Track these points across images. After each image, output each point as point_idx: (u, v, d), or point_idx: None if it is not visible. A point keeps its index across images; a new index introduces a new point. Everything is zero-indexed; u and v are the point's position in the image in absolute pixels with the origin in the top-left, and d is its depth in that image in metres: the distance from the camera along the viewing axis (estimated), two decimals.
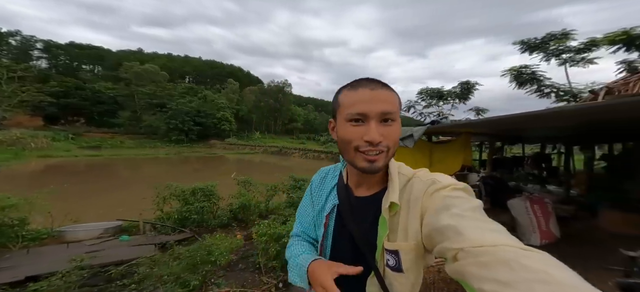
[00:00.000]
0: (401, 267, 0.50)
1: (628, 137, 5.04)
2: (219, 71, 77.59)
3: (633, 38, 7.65)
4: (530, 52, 9.86)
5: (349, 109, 0.51)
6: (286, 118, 61.63)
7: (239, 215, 4.44)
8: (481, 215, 0.41)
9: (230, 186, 5.18)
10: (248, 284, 2.48)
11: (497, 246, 0.33)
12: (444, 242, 0.39)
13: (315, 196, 0.70)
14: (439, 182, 0.49)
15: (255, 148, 37.15)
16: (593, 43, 8.64)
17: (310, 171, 17.38)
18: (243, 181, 5.08)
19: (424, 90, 13.37)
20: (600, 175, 5.94)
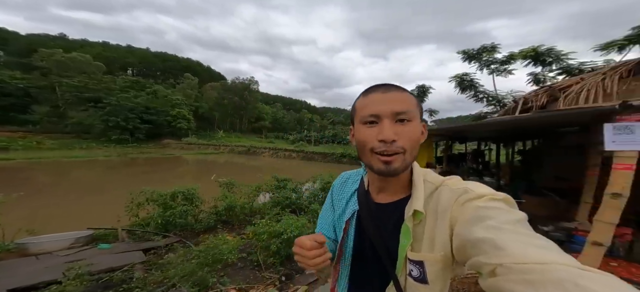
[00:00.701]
0: (426, 279, 0.48)
1: (536, 136, 6.72)
2: (173, 65, 69.85)
3: (539, 54, 9.87)
4: (469, 61, 11.67)
5: (362, 112, 0.52)
6: (253, 116, 59.29)
7: (223, 217, 4.39)
8: (525, 228, 0.38)
9: (211, 189, 5.03)
10: (250, 280, 2.61)
11: (547, 263, 0.29)
12: (479, 256, 0.36)
13: (336, 200, 0.70)
14: (472, 192, 0.46)
15: (219, 148, 34.78)
16: (512, 56, 10.61)
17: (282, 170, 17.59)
18: (226, 182, 4.99)
19: None
20: (518, 167, 7.67)
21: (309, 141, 38.55)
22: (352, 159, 22.30)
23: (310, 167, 20.02)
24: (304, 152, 27.32)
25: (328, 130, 40.09)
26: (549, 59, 9.64)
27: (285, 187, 5.33)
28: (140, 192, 3.94)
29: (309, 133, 42.99)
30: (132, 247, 3.28)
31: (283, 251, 2.86)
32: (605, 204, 1.84)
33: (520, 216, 0.40)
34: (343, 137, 34.84)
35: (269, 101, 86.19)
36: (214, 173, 5.72)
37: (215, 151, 33.27)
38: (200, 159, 25.15)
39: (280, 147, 31.48)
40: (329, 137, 38.12)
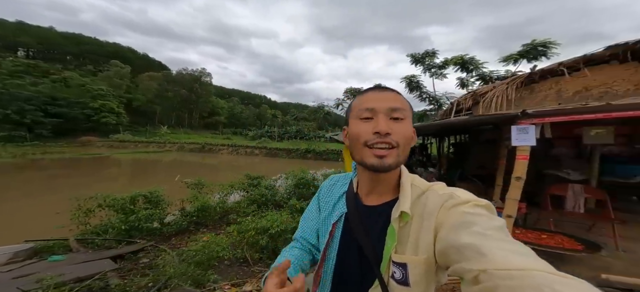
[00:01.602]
0: (408, 281, 0.48)
1: (464, 132, 8.42)
2: (93, 49, 57.13)
3: (464, 62, 12.12)
4: (415, 64, 13.29)
5: (358, 108, 0.53)
6: (205, 111, 53.79)
7: (194, 218, 4.14)
8: (506, 235, 0.39)
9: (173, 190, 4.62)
10: (240, 276, 2.66)
11: (526, 269, 0.30)
12: (462, 262, 0.37)
13: (323, 202, 0.69)
14: (457, 197, 0.47)
15: (164, 145, 30.49)
16: (446, 62, 12.55)
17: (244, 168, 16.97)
18: (194, 183, 4.67)
19: (349, 90, 15.76)
20: (452, 158, 9.44)
21: (271, 137, 37.49)
22: (317, 154, 22.85)
23: (275, 163, 19.69)
24: (267, 149, 26.51)
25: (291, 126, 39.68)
26: (471, 67, 11.99)
27: (259, 185, 5.31)
28: (89, 198, 3.42)
29: (271, 129, 41.75)
30: (95, 256, 2.91)
31: (270, 245, 2.98)
32: (511, 185, 2.61)
33: (500, 222, 0.41)
34: (307, 133, 35.09)
35: (225, 95, 79.56)
36: (160, 174, 5.20)
37: (158, 149, 29.00)
38: (138, 159, 21.33)
39: (240, 144, 29.65)
40: (293, 132, 37.83)
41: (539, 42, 9.60)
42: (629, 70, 3.87)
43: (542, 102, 4.42)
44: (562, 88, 4.30)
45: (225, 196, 4.83)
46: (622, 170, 4.13)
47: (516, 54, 10.07)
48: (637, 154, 4.17)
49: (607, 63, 4.02)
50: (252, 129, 48.28)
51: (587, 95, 4.09)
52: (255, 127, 51.55)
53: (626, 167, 4.12)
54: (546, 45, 9.56)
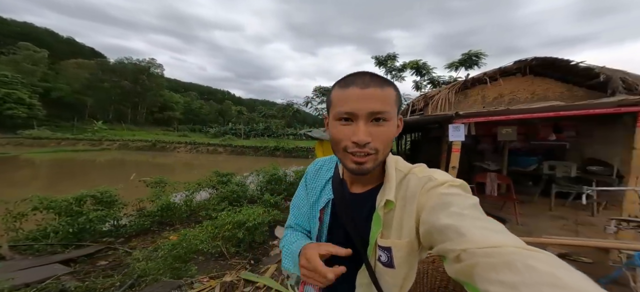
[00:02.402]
0: (393, 263, 0.50)
1: (418, 130, 9.66)
2: None
3: (419, 67, 13.71)
4: (379, 66, 14.44)
5: (338, 108, 0.50)
6: (155, 105, 47.63)
7: (157, 217, 3.92)
8: (480, 213, 0.41)
9: (130, 190, 4.25)
10: (218, 270, 2.72)
11: (502, 246, 0.32)
12: (445, 243, 0.38)
13: (310, 187, 0.68)
14: (435, 180, 0.48)
15: (99, 143, 26.03)
16: (404, 66, 14.01)
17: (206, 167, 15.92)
18: (155, 181, 4.36)
19: (318, 88, 16.18)
20: (409, 154, 10.70)
21: (237, 134, 35.53)
22: (286, 152, 22.69)
23: (242, 161, 18.88)
24: (232, 147, 25.11)
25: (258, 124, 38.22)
26: (424, 71, 13.64)
27: (230, 182, 5.24)
28: (22, 201, 2.96)
29: (237, 126, 39.47)
30: (41, 261, 2.60)
31: (247, 238, 3.09)
32: (451, 173, 3.30)
33: (474, 200, 0.43)
34: (275, 131, 34.32)
35: (180, 89, 71.61)
36: (94, 176, 4.61)
37: (92, 148, 24.59)
38: (61, 159, 17.24)
39: (200, 142, 27.32)
40: (260, 130, 36.52)
41: (473, 52, 11.58)
42: (528, 81, 5.13)
43: (472, 106, 5.48)
44: (485, 94, 5.41)
45: (192, 193, 4.64)
46: (521, 161, 5.43)
47: (457, 62, 11.93)
48: (531, 148, 5.55)
49: (515, 75, 5.24)
50: (214, 125, 44.84)
51: (501, 101, 5.26)
52: (218, 124, 48.01)
53: (524, 159, 5.43)
54: (478, 56, 11.58)
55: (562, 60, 4.47)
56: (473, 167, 5.70)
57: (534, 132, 5.24)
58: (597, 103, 2.39)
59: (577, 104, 2.54)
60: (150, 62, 47.79)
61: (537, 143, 5.37)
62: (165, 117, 47.86)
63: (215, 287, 2.31)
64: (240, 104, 62.35)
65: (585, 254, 2.63)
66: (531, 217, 4.01)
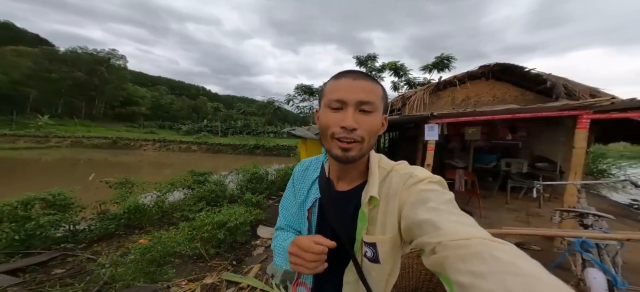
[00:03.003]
0: (378, 259, 0.52)
1: (396, 129, 10.15)
2: None
3: (397, 68, 14.33)
4: (360, 66, 14.66)
5: (329, 96, 0.53)
6: (117, 99, 43.20)
7: (123, 220, 3.59)
8: (455, 208, 0.43)
9: (89, 192, 3.81)
10: (196, 272, 2.59)
11: (471, 238, 0.34)
12: (422, 236, 0.40)
13: (297, 187, 0.69)
14: (415, 176, 0.50)
15: (46, 139, 22.76)
16: (384, 66, 14.46)
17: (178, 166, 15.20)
18: (120, 182, 3.96)
19: (300, 86, 16.05)
20: (387, 152, 11.18)
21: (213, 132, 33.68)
22: (267, 150, 22.12)
23: (219, 160, 18.00)
24: (208, 144, 23.75)
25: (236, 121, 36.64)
26: (402, 73, 14.33)
27: (207, 182, 4.98)
28: None
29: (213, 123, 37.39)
30: None
31: (229, 239, 2.98)
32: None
33: (450, 196, 0.46)
34: (255, 128, 33.23)
35: (147, 83, 66.00)
36: (40, 177, 4.03)
37: (36, 145, 21.44)
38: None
39: (170, 139, 25.36)
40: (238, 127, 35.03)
41: (445, 56, 12.47)
42: (490, 85, 5.70)
43: (443, 106, 5.93)
44: (455, 96, 5.90)
45: (164, 194, 4.31)
46: (483, 159, 6.02)
47: (431, 65, 12.74)
48: (492, 147, 6.19)
49: (480, 78, 5.78)
50: (187, 122, 42.06)
51: (468, 102, 5.77)
52: (191, 120, 45.13)
53: (486, 157, 6.03)
54: (449, 59, 12.50)
55: (518, 67, 5.05)
56: (444, 165, 6.18)
57: (494, 132, 5.84)
58: (545, 106, 2.76)
59: (530, 107, 2.91)
60: (110, 53, 43.34)
61: (496, 142, 6.00)
62: (129, 112, 43.57)
63: (195, 290, 2.20)
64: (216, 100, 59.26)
65: (535, 242, 3.01)
66: (491, 210, 4.44)
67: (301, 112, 16.69)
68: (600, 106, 2.31)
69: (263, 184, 5.71)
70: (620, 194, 6.76)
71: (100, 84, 39.72)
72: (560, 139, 5.38)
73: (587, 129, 2.37)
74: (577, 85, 4.45)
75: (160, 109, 51.65)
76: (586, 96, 4.22)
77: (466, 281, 0.30)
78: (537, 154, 5.80)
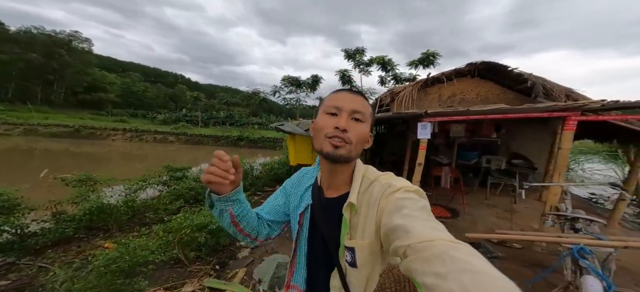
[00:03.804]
0: (356, 263, 0.55)
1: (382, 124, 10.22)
2: None
3: (385, 63, 14.46)
4: (348, 59, 14.89)
5: (328, 104, 0.59)
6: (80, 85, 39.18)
7: (84, 222, 3.15)
8: (427, 214, 0.45)
9: (41, 190, 3.30)
10: (175, 278, 2.32)
11: (434, 240, 0.36)
12: (396, 241, 0.41)
13: (291, 192, 0.74)
14: (393, 186, 0.53)
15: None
16: (372, 61, 14.65)
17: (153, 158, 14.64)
18: (79, 179, 3.46)
19: (286, 78, 15.58)
20: (373, 148, 11.26)
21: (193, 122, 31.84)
22: (251, 142, 21.35)
23: (199, 152, 17.05)
24: (188, 135, 22.36)
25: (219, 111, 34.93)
26: (389, 67, 14.48)
27: (185, 178, 4.58)
28: None
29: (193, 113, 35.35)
30: None
31: (210, 242, 2.73)
32: (416, 170, 3.49)
33: (424, 203, 0.48)
34: (238, 119, 31.92)
35: (117, 68, 60.91)
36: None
37: None
38: None
39: (144, 129, 23.48)
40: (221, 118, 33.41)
41: (430, 52, 12.72)
42: (474, 83, 5.82)
43: (431, 103, 5.98)
44: (442, 93, 5.96)
45: (135, 192, 3.87)
46: (466, 155, 6.26)
47: (417, 61, 12.95)
48: (474, 143, 6.43)
49: (465, 76, 5.88)
50: (163, 111, 39.44)
51: (454, 99, 5.87)
52: (168, 109, 42.42)
53: (468, 153, 6.27)
54: (434, 56, 12.79)
55: (502, 66, 5.18)
56: (429, 161, 6.32)
57: (478, 129, 6.04)
58: (535, 107, 2.81)
59: (520, 108, 2.95)
60: (72, 34, 39.02)
61: (478, 139, 6.23)
62: (95, 99, 39.68)
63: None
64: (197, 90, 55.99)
65: (515, 241, 3.11)
66: (473, 207, 4.55)
67: (288, 104, 16.27)
68: (589, 107, 2.37)
69: (248, 180, 5.41)
70: (580, 188, 7.44)
71: (60, 68, 35.70)
72: (536, 137, 5.70)
73: (574, 130, 2.43)
74: (555, 86, 4.67)
75: (132, 96, 47.94)
76: (562, 96, 4.45)
77: (430, 282, 0.31)
78: (514, 151, 6.12)
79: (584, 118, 2.42)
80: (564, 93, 4.53)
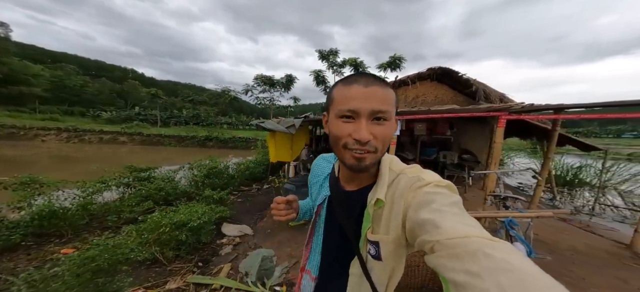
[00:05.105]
0: (380, 256, 0.53)
1: None
2: None
3: (357, 64, 15.13)
4: (322, 60, 15.16)
5: (340, 105, 0.50)
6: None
7: (31, 228, 2.75)
8: (459, 210, 0.42)
9: None
10: (153, 278, 2.22)
11: (468, 237, 0.34)
12: (423, 235, 0.40)
13: (312, 181, 0.74)
14: (423, 179, 0.49)
15: None
16: (345, 62, 15.07)
17: (98, 160, 12.65)
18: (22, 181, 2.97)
19: (259, 77, 15.16)
20: None
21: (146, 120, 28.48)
22: (221, 142, 20.07)
23: (159, 153, 15.39)
24: (144, 136, 19.94)
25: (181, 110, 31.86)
26: (361, 69, 15.19)
27: (152, 178, 4.25)
28: None
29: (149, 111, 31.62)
30: None
31: (190, 239, 2.66)
32: None
33: (457, 199, 0.45)
34: (205, 119, 29.58)
35: (44, 59, 51.21)
36: None
37: None
38: None
39: (86, 128, 20.21)
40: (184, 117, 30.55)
41: (397, 56, 13.79)
42: (433, 86, 6.65)
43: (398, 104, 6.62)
44: (407, 94, 6.66)
45: (92, 194, 3.45)
46: (427, 151, 7.08)
47: (386, 63, 13.94)
48: (433, 141, 7.30)
49: (426, 80, 6.67)
50: (110, 109, 34.55)
51: (417, 101, 6.61)
52: (116, 107, 37.30)
53: (429, 150, 7.10)
54: (400, 60, 13.90)
55: (454, 71, 6.04)
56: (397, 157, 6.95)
57: (436, 128, 6.90)
58: (477, 108, 3.43)
59: (467, 108, 3.56)
60: None
61: (436, 137, 7.11)
62: (14, 93, 32.43)
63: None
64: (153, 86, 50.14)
65: None
66: None
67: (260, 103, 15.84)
68: (514, 109, 3.03)
69: (222, 179, 5.24)
70: (510, 177, 9.05)
71: None
72: (479, 135, 6.77)
73: (504, 127, 3.08)
74: (492, 90, 5.66)
75: (66, 91, 40.75)
76: (497, 100, 5.42)
77: (461, 279, 0.30)
78: (463, 147, 7.16)
79: (510, 117, 3.08)
80: (498, 97, 5.53)
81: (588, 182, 6.80)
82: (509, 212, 2.12)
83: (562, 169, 7.33)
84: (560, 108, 3.05)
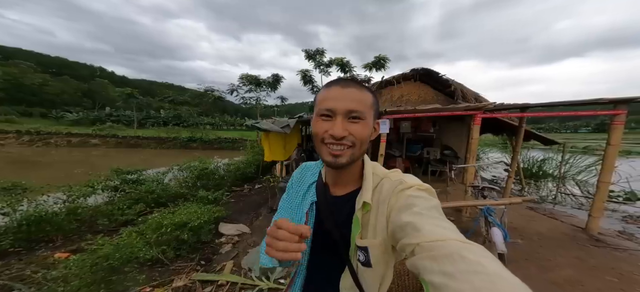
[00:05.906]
0: (370, 262, 0.52)
1: None
2: None
3: (344, 64, 15.24)
4: (309, 59, 14.81)
5: (320, 105, 0.54)
6: None
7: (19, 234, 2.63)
8: (438, 213, 0.44)
9: None
10: (156, 278, 2.23)
11: (445, 240, 0.35)
12: (404, 238, 0.41)
13: (294, 190, 0.71)
14: (405, 183, 0.51)
15: None
16: (331, 61, 14.92)
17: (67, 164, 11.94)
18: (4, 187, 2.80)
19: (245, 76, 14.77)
20: None
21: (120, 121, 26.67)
22: (205, 143, 19.41)
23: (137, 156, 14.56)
24: (119, 138, 18.70)
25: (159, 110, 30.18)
26: (347, 69, 15.38)
27: (141, 181, 4.13)
28: None
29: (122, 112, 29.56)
30: None
31: (191, 239, 2.69)
32: (379, 161, 4.13)
33: (436, 202, 0.47)
34: (187, 119, 28.25)
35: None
36: None
37: None
38: None
39: (51, 131, 18.51)
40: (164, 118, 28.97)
41: (381, 56, 14.12)
42: (416, 86, 7.02)
43: (384, 103, 6.90)
44: (393, 94, 6.98)
45: (78, 199, 3.31)
46: (413, 148, 7.49)
47: (371, 63, 14.23)
48: (418, 138, 7.73)
49: (410, 80, 7.04)
50: (75, 109, 31.98)
51: (402, 100, 6.96)
52: (83, 108, 34.60)
53: (414, 146, 7.52)
54: (384, 60, 14.25)
55: (435, 72, 6.46)
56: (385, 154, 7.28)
57: (420, 126, 7.33)
58: (457, 107, 3.78)
59: (448, 107, 3.90)
60: None
61: (420, 134, 7.55)
62: None
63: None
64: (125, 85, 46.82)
65: (449, 214, 4.06)
66: None
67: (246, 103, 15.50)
68: (487, 108, 3.40)
69: (214, 180, 5.20)
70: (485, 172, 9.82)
71: None
72: (458, 132, 7.30)
73: (479, 125, 3.45)
74: (468, 90, 6.16)
75: (23, 90, 36.99)
76: (473, 99, 5.90)
77: (438, 281, 0.31)
78: (445, 143, 7.67)
79: (484, 115, 3.46)
80: (473, 96, 6.03)
81: (551, 173, 7.58)
82: (487, 201, 2.41)
83: (529, 163, 8.11)
84: (526, 107, 3.47)
